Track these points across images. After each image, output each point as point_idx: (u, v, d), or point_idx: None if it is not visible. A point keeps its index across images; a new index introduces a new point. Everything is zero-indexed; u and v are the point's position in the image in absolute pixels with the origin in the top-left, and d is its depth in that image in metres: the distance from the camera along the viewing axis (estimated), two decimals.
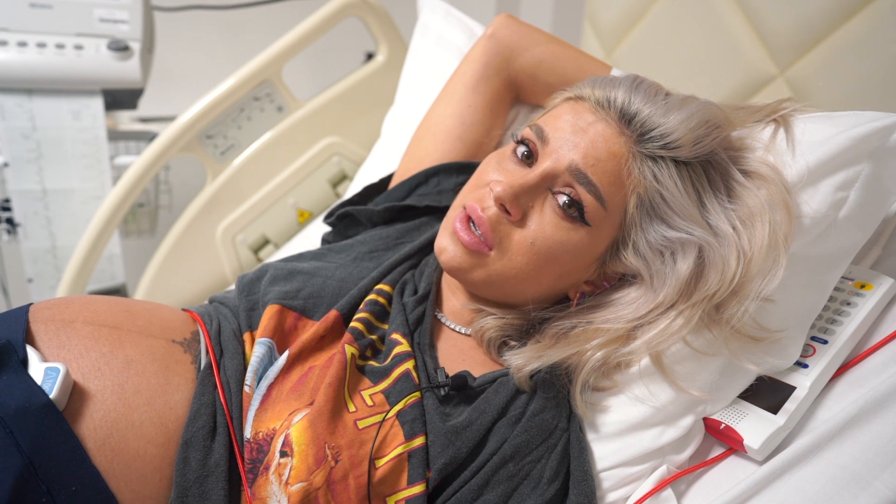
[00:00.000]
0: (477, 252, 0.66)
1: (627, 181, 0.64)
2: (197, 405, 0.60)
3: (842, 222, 0.66)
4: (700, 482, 0.69)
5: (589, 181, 0.63)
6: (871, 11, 0.95)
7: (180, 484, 0.57)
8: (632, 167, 0.64)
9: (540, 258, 0.66)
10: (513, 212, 0.65)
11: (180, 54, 1.87)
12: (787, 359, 0.67)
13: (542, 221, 0.66)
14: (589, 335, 0.66)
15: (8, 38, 1.22)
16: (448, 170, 0.88)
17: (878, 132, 0.64)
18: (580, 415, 0.68)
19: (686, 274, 0.63)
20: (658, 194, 0.63)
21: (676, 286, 0.63)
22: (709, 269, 0.62)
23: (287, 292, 0.71)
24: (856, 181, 0.65)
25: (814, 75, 1.02)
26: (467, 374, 0.66)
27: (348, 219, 0.89)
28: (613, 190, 0.64)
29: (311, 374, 0.64)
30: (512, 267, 0.67)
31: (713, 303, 0.62)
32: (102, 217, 1.15)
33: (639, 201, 0.64)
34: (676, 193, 0.63)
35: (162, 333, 0.65)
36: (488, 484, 0.61)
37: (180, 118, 1.17)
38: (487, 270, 0.67)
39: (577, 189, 0.64)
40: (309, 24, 1.20)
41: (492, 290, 0.71)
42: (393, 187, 0.90)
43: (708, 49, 1.16)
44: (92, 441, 0.54)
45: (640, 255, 0.66)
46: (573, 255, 0.66)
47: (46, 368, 0.55)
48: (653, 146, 0.63)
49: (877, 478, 0.57)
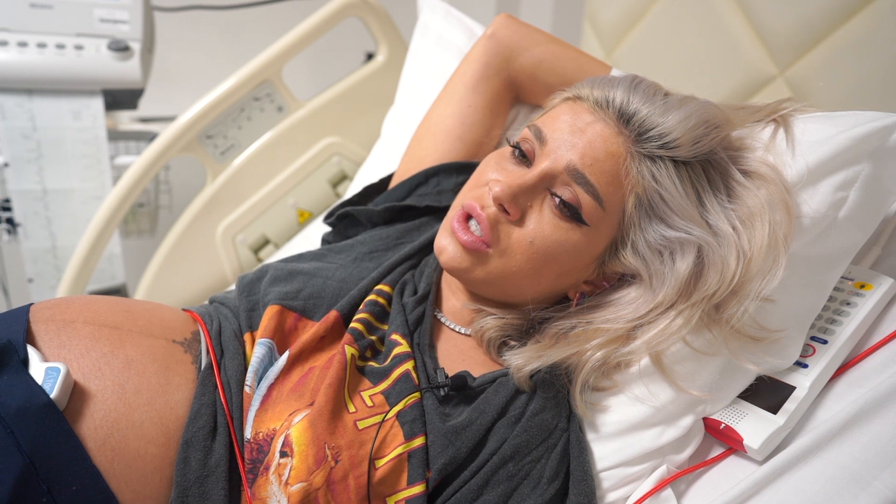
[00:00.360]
0: (476, 251, 0.67)
1: (626, 181, 0.64)
2: (197, 405, 0.60)
3: (841, 222, 0.66)
4: (700, 482, 0.69)
5: (587, 181, 0.63)
6: (871, 11, 0.95)
7: (181, 484, 0.57)
8: (630, 167, 0.64)
9: (539, 257, 0.66)
10: (511, 211, 0.65)
11: (180, 54, 1.87)
12: (787, 359, 0.67)
13: (541, 221, 0.66)
14: (589, 335, 0.66)
15: (8, 38, 1.23)
16: (448, 170, 0.88)
17: (878, 132, 0.64)
18: (580, 415, 0.68)
19: (685, 274, 0.63)
20: (657, 194, 0.64)
21: (676, 286, 0.63)
22: (708, 269, 0.62)
23: (287, 293, 0.71)
24: (855, 181, 0.65)
25: (814, 75, 1.02)
26: (467, 375, 0.67)
27: (348, 219, 0.89)
28: (612, 190, 0.64)
29: (312, 374, 0.64)
30: (511, 266, 0.67)
31: (713, 303, 0.62)
32: (103, 217, 1.15)
33: (637, 201, 0.64)
34: (675, 193, 0.63)
35: (162, 333, 0.65)
36: (488, 484, 0.61)
37: (180, 118, 1.17)
38: (487, 269, 0.67)
39: (575, 189, 0.64)
40: (309, 25, 1.20)
41: (491, 290, 0.71)
42: (393, 187, 0.90)
43: (708, 49, 1.16)
44: (92, 441, 0.54)
45: (640, 255, 0.66)
46: (572, 254, 0.67)
47: (47, 368, 0.55)
48: (651, 146, 0.63)
49: (876, 478, 0.57)
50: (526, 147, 0.68)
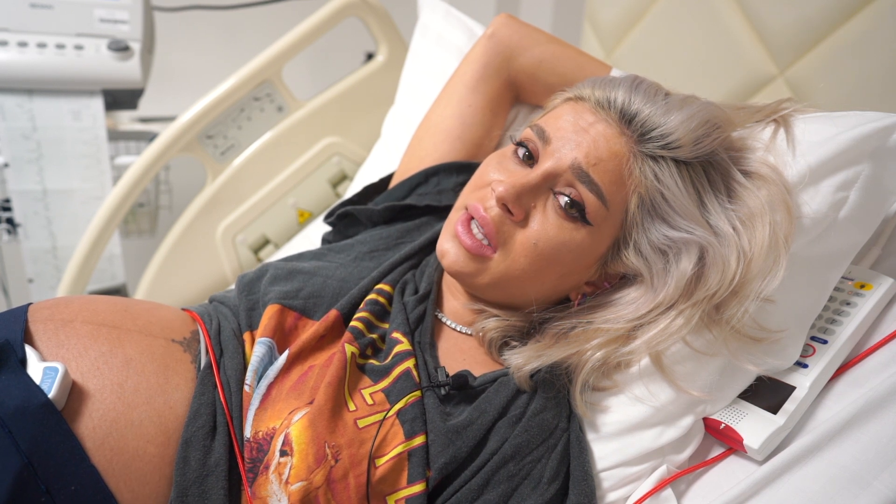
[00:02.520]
0: (479, 255, 0.67)
1: (629, 181, 0.64)
2: (197, 404, 0.60)
3: (842, 222, 0.66)
4: (700, 482, 0.69)
5: (591, 180, 0.63)
6: (871, 11, 0.95)
7: (180, 483, 0.57)
8: (633, 167, 0.64)
9: (543, 259, 0.66)
10: (515, 212, 0.65)
11: (180, 54, 1.87)
12: (787, 359, 0.67)
13: (545, 222, 0.66)
14: (589, 335, 0.66)
15: (8, 38, 1.23)
16: (448, 169, 0.88)
17: (879, 132, 0.64)
18: (580, 415, 0.68)
19: (687, 274, 0.63)
20: (659, 194, 0.64)
21: (677, 286, 0.63)
22: (709, 269, 0.62)
23: (287, 292, 0.71)
24: (856, 181, 0.65)
25: (814, 75, 1.02)
26: (468, 374, 0.67)
27: (348, 218, 0.89)
28: (615, 189, 0.64)
29: (311, 373, 0.64)
30: (515, 269, 0.67)
31: (713, 303, 0.62)
32: (103, 217, 1.15)
33: (640, 201, 0.65)
34: (678, 193, 0.63)
35: (161, 333, 0.65)
36: (488, 483, 0.61)
37: (180, 118, 1.17)
38: (490, 273, 0.67)
39: (578, 188, 0.64)
40: (309, 25, 1.20)
41: (494, 293, 0.71)
42: (393, 187, 0.90)
43: (708, 49, 1.16)
44: (91, 440, 0.54)
45: (642, 255, 0.66)
46: (575, 255, 0.66)
47: (45, 368, 0.55)
48: (653, 146, 0.63)
49: (876, 478, 0.57)
50: (531, 146, 0.68)
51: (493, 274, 0.67)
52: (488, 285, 0.69)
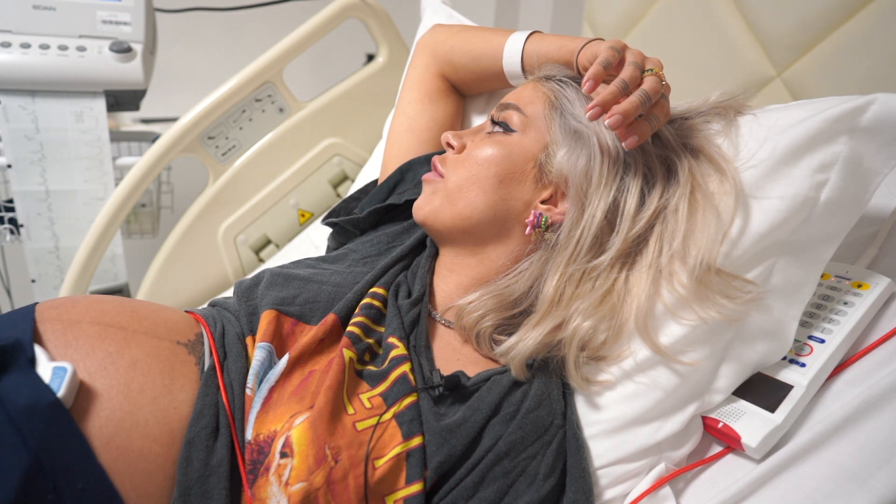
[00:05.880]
0: (432, 181, 0.77)
1: (540, 96, 0.76)
2: (200, 406, 0.61)
3: (826, 205, 0.67)
4: (698, 480, 0.69)
5: (511, 104, 0.76)
6: (870, 12, 0.95)
7: (183, 482, 0.57)
8: (541, 87, 0.77)
9: (478, 163, 0.73)
10: (455, 144, 0.77)
11: (182, 56, 1.87)
12: (783, 342, 0.69)
13: (477, 142, 0.76)
14: (568, 297, 0.68)
15: (11, 39, 1.23)
16: (420, 162, 0.93)
17: (850, 112, 0.66)
18: (575, 407, 0.69)
19: (588, 163, 0.70)
20: (562, 95, 0.75)
21: (597, 172, 0.69)
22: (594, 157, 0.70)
23: (283, 298, 0.72)
24: (835, 163, 0.67)
25: (811, 76, 1.03)
26: (461, 374, 0.68)
27: (337, 227, 0.93)
28: (529, 103, 0.75)
29: (312, 378, 0.64)
30: (458, 179, 0.74)
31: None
32: (105, 218, 1.16)
33: (550, 103, 0.74)
34: (573, 95, 0.74)
35: (167, 335, 0.65)
36: (484, 481, 0.62)
37: (182, 119, 1.18)
38: (443, 194, 0.75)
39: (503, 114, 0.76)
40: (310, 26, 1.20)
41: (453, 221, 0.74)
42: (373, 191, 0.93)
43: (706, 51, 1.16)
44: (98, 439, 0.55)
45: (562, 145, 0.72)
46: (506, 154, 0.73)
47: (54, 368, 0.55)
48: (556, 77, 0.77)
49: (874, 476, 0.57)
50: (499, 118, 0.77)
51: (445, 192, 0.75)
52: (442, 204, 0.74)
